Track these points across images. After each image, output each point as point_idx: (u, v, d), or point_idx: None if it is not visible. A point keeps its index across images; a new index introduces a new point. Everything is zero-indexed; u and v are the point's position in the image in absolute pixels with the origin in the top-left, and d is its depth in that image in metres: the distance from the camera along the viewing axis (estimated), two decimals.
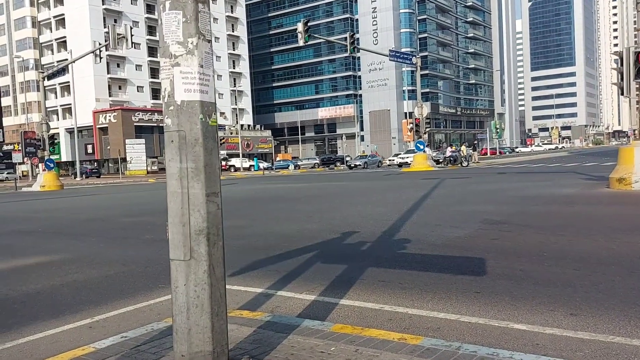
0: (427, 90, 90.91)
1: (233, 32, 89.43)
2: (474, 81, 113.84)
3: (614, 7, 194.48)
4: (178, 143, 2.50)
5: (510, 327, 3.66)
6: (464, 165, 36.12)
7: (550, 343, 3.34)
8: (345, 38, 31.00)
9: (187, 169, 2.49)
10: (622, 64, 13.13)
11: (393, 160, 51.00)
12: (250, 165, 62.23)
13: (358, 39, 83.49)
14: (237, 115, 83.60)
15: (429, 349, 3.12)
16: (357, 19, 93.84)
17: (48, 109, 53.92)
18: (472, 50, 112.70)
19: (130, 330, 3.81)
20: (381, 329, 3.64)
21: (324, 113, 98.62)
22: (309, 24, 28.43)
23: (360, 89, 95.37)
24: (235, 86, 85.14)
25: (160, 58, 2.59)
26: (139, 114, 67.59)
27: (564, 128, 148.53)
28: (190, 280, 2.52)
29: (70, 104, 63.49)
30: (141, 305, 4.71)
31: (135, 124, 66.27)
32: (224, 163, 51.01)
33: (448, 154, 39.01)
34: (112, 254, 7.48)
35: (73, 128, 56.61)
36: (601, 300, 4.15)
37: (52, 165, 33.82)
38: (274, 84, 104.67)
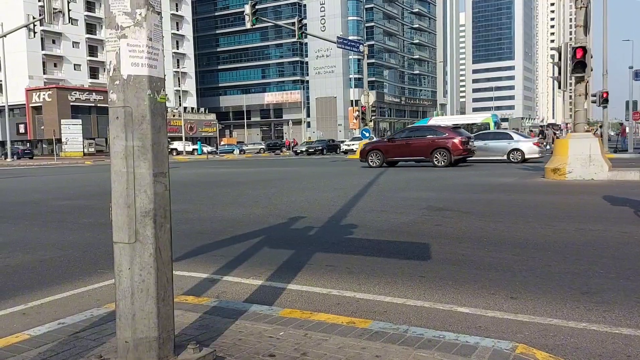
0: (373, 79, 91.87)
1: (177, 11, 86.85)
2: (418, 71, 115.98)
3: (552, 4, 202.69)
4: (124, 120, 2.37)
5: (455, 310, 3.75)
6: None
7: (492, 325, 3.44)
8: (293, 23, 30.70)
9: (134, 147, 2.37)
10: (560, 59, 13.68)
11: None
12: (194, 149, 61.02)
13: (306, 24, 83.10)
14: (180, 98, 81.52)
15: (377, 332, 3.15)
16: (304, 5, 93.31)
17: None
18: (417, 41, 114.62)
19: (68, 316, 3.63)
20: (330, 313, 3.64)
21: (270, 98, 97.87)
22: (256, 7, 27.96)
23: (307, 75, 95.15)
24: (178, 67, 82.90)
25: (106, 29, 2.44)
26: (75, 93, 64.67)
27: (502, 120, 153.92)
28: (135, 263, 2.41)
29: (0, 81, 59.97)
30: (79, 290, 4.51)
31: (71, 103, 63.42)
32: None
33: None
34: (47, 238, 7.13)
35: (4, 106, 53.48)
36: (539, 284, 4.32)
37: None
38: (219, 67, 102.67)
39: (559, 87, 14.07)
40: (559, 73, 13.76)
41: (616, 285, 4.24)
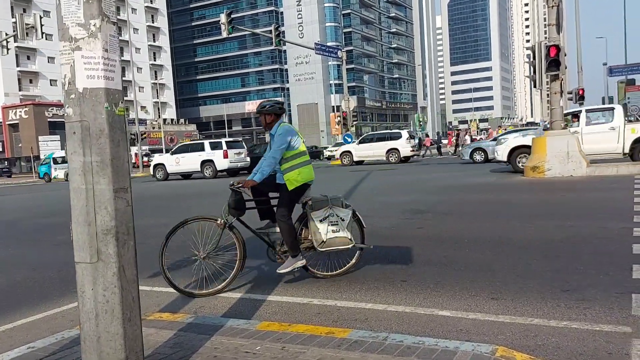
0: (354, 84, 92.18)
1: (153, 23, 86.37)
2: (397, 75, 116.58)
3: (526, 5, 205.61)
4: (81, 135, 2.28)
5: (435, 314, 3.71)
6: None
7: (474, 328, 3.40)
8: (271, 31, 30.64)
9: (92, 163, 2.28)
10: (534, 58, 13.80)
11: None
12: None
13: (283, 32, 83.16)
14: (159, 109, 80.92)
15: (356, 341, 3.08)
16: (282, 12, 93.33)
17: None
18: (395, 45, 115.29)
19: (38, 339, 3.51)
20: (309, 324, 3.56)
21: (251, 107, 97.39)
22: (232, 16, 27.86)
23: (288, 82, 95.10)
24: (156, 79, 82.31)
25: (60, 41, 2.35)
26: (52, 109, 63.75)
27: (482, 120, 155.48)
28: (98, 284, 2.31)
29: None
30: (52, 312, 4.37)
31: (49, 119, 62.50)
32: (145, 159, 48.56)
33: None
34: (20, 258, 6.95)
35: None
36: (519, 283, 4.29)
37: None
38: (198, 77, 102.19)
39: (534, 86, 14.17)
40: (534, 72, 13.86)
41: (596, 281, 4.23)
